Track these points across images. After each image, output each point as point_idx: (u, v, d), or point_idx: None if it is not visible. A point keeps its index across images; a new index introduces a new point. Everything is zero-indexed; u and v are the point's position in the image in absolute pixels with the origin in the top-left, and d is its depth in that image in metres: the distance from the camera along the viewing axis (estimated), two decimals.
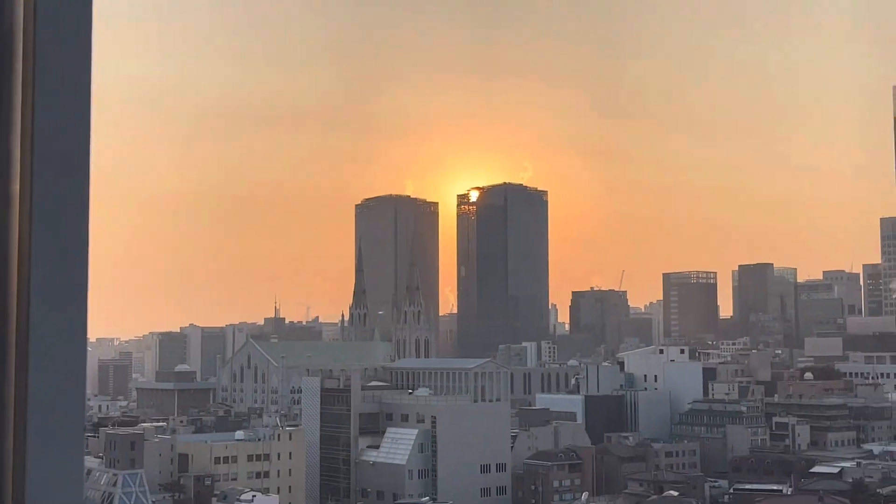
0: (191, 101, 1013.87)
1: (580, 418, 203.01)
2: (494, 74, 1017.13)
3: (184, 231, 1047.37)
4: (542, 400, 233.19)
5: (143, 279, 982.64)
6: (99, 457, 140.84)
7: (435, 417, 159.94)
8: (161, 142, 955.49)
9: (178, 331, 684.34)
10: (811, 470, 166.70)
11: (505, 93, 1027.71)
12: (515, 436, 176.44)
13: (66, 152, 4.17)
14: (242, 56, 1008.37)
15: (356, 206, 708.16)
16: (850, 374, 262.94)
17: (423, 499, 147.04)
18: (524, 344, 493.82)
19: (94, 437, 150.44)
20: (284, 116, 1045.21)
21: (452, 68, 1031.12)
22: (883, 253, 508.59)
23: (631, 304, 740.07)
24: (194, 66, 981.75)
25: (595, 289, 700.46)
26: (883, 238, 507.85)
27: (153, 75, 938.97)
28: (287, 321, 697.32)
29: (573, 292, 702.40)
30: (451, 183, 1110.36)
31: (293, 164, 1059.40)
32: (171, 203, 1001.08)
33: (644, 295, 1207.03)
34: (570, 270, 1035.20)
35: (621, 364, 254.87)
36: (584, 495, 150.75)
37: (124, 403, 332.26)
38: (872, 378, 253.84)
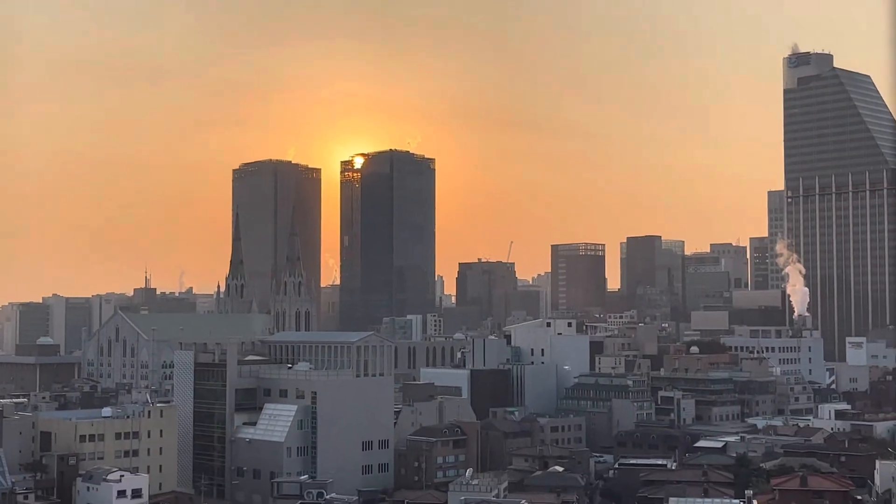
0: (43, 54, 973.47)
1: (465, 393, 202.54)
2: (383, 38, 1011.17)
3: (44, 194, 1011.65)
4: (427, 374, 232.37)
5: (1, 245, 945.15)
6: None
7: (315, 393, 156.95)
8: (13, 95, 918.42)
9: (41, 301, 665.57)
10: (696, 444, 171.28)
11: (393, 57, 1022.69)
12: (399, 411, 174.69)
13: None
14: (103, 5, 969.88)
15: (234, 170, 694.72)
16: (736, 347, 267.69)
17: (302, 477, 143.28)
18: (409, 317, 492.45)
19: None
20: (150, 74, 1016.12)
21: (338, 30, 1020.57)
22: (770, 226, 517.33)
23: (518, 276, 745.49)
24: (43, 12, 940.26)
25: (482, 260, 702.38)
26: (770, 211, 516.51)
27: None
28: (158, 292, 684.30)
29: (460, 264, 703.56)
30: (335, 148, 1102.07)
31: (162, 125, 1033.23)
32: (29, 164, 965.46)
33: (532, 267, 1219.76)
34: (457, 241, 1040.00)
35: (508, 337, 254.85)
36: (469, 471, 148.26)
37: None
38: (757, 352, 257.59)
